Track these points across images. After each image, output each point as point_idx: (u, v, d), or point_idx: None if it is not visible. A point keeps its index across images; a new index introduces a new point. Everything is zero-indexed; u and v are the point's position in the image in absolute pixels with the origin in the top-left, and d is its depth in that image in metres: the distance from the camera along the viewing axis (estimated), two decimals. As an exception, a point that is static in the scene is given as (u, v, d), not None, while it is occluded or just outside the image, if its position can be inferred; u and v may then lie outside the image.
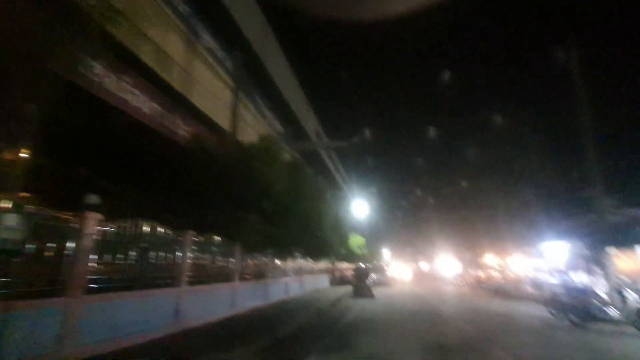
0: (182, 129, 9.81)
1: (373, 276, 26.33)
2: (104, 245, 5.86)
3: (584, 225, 13.34)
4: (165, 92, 8.99)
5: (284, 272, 15.35)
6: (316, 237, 10.57)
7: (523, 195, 19.65)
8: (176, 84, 9.23)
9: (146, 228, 7.33)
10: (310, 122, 21.41)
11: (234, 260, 10.47)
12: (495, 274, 23.12)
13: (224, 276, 9.92)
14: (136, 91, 7.88)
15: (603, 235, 11.22)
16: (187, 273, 7.93)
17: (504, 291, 19.60)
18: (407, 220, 53.65)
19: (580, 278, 14.35)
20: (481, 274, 26.50)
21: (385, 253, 78.32)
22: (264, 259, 12.96)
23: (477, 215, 25.79)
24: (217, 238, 9.81)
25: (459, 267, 37.82)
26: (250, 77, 14.14)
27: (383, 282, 26.90)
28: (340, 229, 12.41)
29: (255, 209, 9.77)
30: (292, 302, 13.49)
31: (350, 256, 27.23)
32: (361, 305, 14.05)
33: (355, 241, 27.86)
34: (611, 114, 14.41)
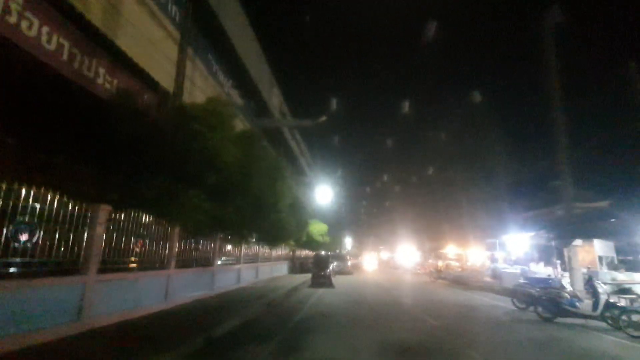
0: (105, 80, 7.84)
1: (334, 264, 25.52)
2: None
3: (549, 217, 13.13)
4: (82, 29, 6.99)
5: (236, 259, 13.81)
6: (271, 219, 9.16)
7: (488, 186, 19.54)
8: (95, 18, 7.21)
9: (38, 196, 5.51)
10: (274, 99, 19.68)
11: (169, 244, 8.78)
12: (454, 264, 23.19)
13: (154, 262, 8.23)
14: (33, 18, 5.87)
15: (570, 227, 10.90)
16: (97, 258, 6.19)
17: (462, 281, 19.53)
18: (370, 208, 53.66)
19: (540, 269, 14.31)
20: (440, 263, 26.64)
21: (348, 242, 78.92)
22: (211, 244, 11.35)
23: (441, 205, 25.72)
24: (147, 217, 8.07)
25: (419, 256, 38.32)
26: (203, 33, 12.18)
27: (344, 271, 26.18)
28: (300, 213, 11.09)
29: (197, 183, 8.15)
30: (242, 292, 12.05)
31: (312, 243, 26.18)
32: (319, 295, 12.95)
33: (317, 228, 26.82)
34: (582, 107, 14.26)
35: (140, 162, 7.68)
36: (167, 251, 8.75)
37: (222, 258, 12.58)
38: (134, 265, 7.47)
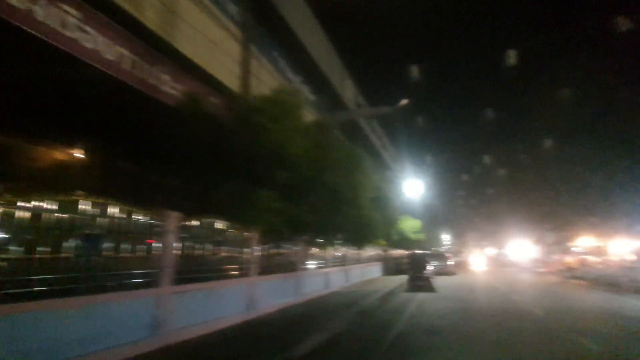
0: (170, 86, 7.74)
1: (433, 264, 22.97)
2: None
3: None
4: (140, 36, 6.94)
5: (323, 263, 12.99)
6: (352, 216, 7.95)
7: (629, 160, 14.83)
8: (151, 24, 7.10)
9: (114, 209, 5.39)
10: (347, 91, 18.50)
11: (248, 250, 8.28)
12: (592, 259, 18.40)
13: (233, 271, 7.80)
14: (87, 27, 5.87)
15: None
16: (171, 268, 5.84)
17: (609, 281, 15.16)
18: (468, 199, 47.89)
19: None
20: (569, 259, 21.65)
21: (446, 238, 72.77)
22: (295, 248, 10.71)
23: (564, 188, 20.88)
24: (221, 222, 7.69)
25: (536, 251, 32.46)
26: (265, 29, 11.75)
27: (445, 271, 23.35)
28: (385, 208, 9.61)
29: (267, 182, 7.45)
30: (331, 298, 11.10)
31: (405, 242, 24.11)
32: (418, 301, 11.18)
33: (410, 225, 24.61)
34: None
35: (211, 166, 7.35)
36: (246, 258, 8.28)
37: (308, 262, 11.87)
38: (211, 274, 7.08)
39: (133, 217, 5.73)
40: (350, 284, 15.47)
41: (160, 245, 5.82)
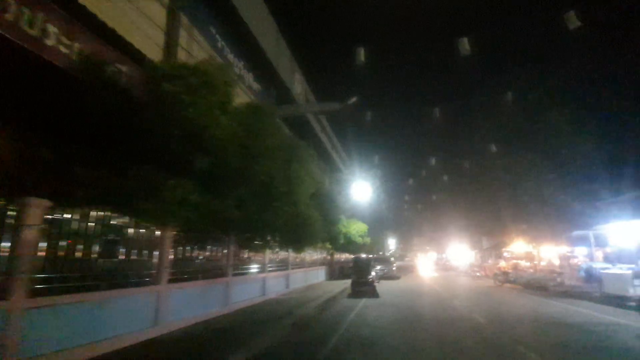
0: (60, 42, 6.07)
1: (377, 268, 22.74)
2: None
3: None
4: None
5: (259, 267, 11.74)
6: (286, 214, 6.88)
7: (572, 165, 15.74)
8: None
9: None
10: (296, 86, 17.55)
11: (158, 252, 6.82)
12: (524, 264, 19.36)
13: (135, 277, 6.31)
14: None
15: None
16: (25, 275, 4.29)
17: (539, 285, 15.87)
18: (414, 204, 49.46)
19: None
20: (504, 264, 22.75)
21: (392, 243, 74.82)
22: (223, 250, 9.36)
23: (502, 195, 21.88)
24: (121, 216, 6.19)
25: (474, 256, 34.18)
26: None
27: (390, 276, 23.28)
28: (328, 207, 8.68)
29: (182, 169, 6.13)
30: (265, 307, 9.90)
31: (351, 246, 23.61)
32: (360, 308, 10.42)
33: (356, 228, 24.20)
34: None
35: (116, 146, 5.85)
36: (156, 261, 6.80)
37: (243, 266, 10.57)
38: (99, 282, 5.55)
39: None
40: (291, 289, 14.37)
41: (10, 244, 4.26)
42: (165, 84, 5.58)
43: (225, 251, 9.24)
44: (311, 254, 19.08)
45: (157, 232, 6.92)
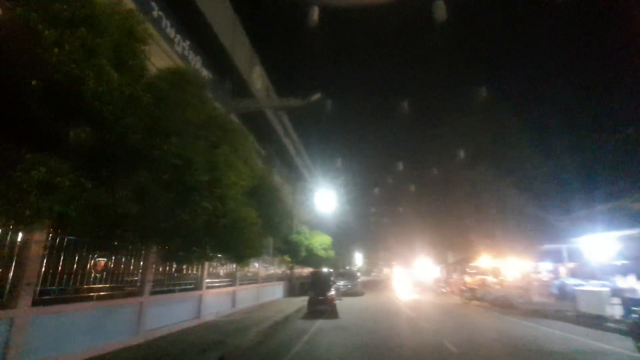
0: None
1: (340, 284, 21.12)
2: None
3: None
4: None
5: (193, 283, 9.72)
6: (209, 212, 5.12)
7: (541, 176, 15.23)
8: None
9: None
10: (256, 80, 15.95)
11: (20, 264, 4.79)
12: (490, 280, 18.57)
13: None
14: None
15: None
16: None
17: (507, 303, 14.96)
18: (381, 217, 48.71)
19: (637, 285, 9.85)
20: (469, 279, 21.98)
21: (358, 258, 73.65)
22: (136, 261, 7.34)
23: (468, 207, 21.31)
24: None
25: (439, 271, 33.59)
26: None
27: (354, 292, 21.69)
28: (273, 208, 6.96)
29: (51, 142, 4.29)
30: (195, 333, 7.92)
31: (313, 259, 21.87)
32: (313, 334, 8.71)
33: (320, 240, 22.55)
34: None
35: None
36: (12, 275, 4.76)
37: (168, 282, 8.53)
38: None
39: None
40: (238, 309, 12.35)
41: None
42: (20, 8, 3.78)
43: (138, 262, 7.23)
44: (267, 268, 17.12)
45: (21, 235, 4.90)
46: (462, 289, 18.57)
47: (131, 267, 7.16)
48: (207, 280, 10.30)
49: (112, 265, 6.52)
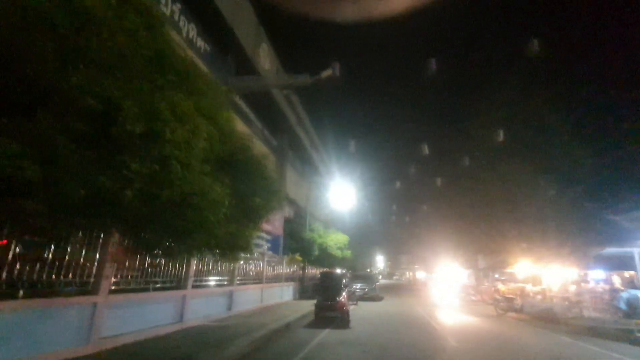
0: None
1: (356, 287, 19.27)
2: None
3: None
4: None
5: (176, 281, 8.30)
6: (146, 180, 3.59)
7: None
8: None
9: None
10: (263, 58, 14.45)
11: None
12: (531, 289, 16.12)
13: None
14: None
15: None
16: None
17: (552, 317, 12.60)
18: (402, 217, 45.99)
19: None
20: (502, 287, 19.48)
21: (380, 260, 71.11)
22: (89, 252, 5.94)
23: (499, 210, 18.86)
24: None
25: (468, 277, 30.93)
26: None
27: (371, 296, 19.76)
28: (253, 182, 5.25)
29: None
30: (165, 343, 6.45)
31: (328, 259, 20.20)
32: (313, 347, 7.02)
33: (335, 239, 20.86)
34: None
35: None
36: None
37: (141, 280, 7.13)
38: None
39: None
40: (235, 312, 10.86)
41: None
42: None
43: (93, 254, 5.83)
44: (274, 267, 15.60)
45: None
46: (497, 298, 16.21)
47: (81, 260, 5.76)
48: (194, 278, 8.85)
49: (49, 256, 5.13)
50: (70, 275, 5.49)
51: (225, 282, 10.84)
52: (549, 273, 17.61)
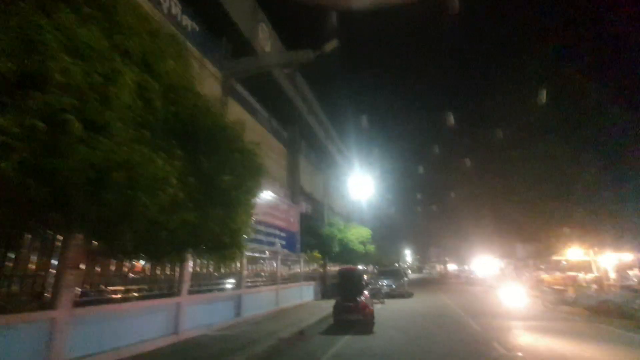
0: None
1: (383, 284, 17.79)
2: None
3: None
4: None
5: (169, 287, 7.26)
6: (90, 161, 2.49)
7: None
8: None
9: None
10: (262, 39, 13.19)
11: None
12: (584, 277, 14.03)
13: None
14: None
15: None
16: None
17: (616, 310, 10.63)
18: (429, 206, 43.57)
19: None
20: (546, 276, 17.36)
21: (408, 254, 68.64)
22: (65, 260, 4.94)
23: (538, 193, 16.73)
24: None
25: (505, 267, 28.66)
26: None
27: (399, 292, 18.19)
28: (234, 166, 4.07)
29: None
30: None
31: (349, 254, 18.81)
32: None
33: (356, 233, 19.44)
34: None
35: None
36: None
37: (126, 285, 6.11)
38: None
39: None
40: (244, 318, 9.75)
41: None
42: None
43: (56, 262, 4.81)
44: (290, 266, 14.44)
45: None
46: (544, 290, 14.19)
47: (32, 267, 4.76)
48: (190, 282, 7.78)
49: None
50: (19, 287, 4.51)
51: (232, 286, 9.75)
52: (602, 260, 15.41)
